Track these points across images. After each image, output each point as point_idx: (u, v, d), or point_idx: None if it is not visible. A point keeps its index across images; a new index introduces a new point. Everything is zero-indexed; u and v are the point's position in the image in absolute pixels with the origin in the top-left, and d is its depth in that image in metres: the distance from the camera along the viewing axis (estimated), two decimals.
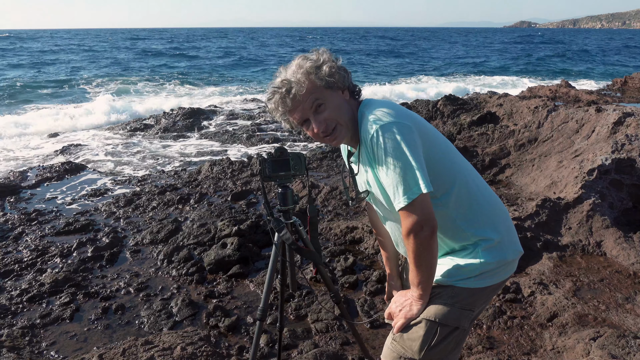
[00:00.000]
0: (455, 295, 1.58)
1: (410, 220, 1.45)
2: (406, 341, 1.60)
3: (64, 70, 25.55)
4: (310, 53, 1.62)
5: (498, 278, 1.62)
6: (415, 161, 1.43)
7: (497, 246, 1.59)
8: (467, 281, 1.58)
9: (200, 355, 2.68)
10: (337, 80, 1.58)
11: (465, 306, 1.58)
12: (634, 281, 3.50)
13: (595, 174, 4.55)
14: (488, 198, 1.64)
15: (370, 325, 3.13)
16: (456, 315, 1.57)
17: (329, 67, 1.57)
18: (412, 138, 1.46)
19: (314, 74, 1.56)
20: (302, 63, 1.58)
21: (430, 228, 1.45)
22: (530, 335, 2.96)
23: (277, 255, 2.15)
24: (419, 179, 1.42)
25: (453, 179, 1.57)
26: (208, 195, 5.82)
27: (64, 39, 70.46)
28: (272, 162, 2.06)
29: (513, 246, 1.64)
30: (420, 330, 1.58)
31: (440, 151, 1.57)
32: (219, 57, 35.67)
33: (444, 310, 1.57)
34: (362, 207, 5.25)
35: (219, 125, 11.13)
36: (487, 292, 1.63)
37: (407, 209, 1.44)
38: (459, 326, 1.58)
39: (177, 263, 4.04)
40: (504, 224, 1.64)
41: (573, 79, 21.24)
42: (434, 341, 1.56)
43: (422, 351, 1.57)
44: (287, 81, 1.56)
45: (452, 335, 1.58)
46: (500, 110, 8.88)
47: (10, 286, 3.75)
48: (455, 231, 1.60)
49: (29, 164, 7.76)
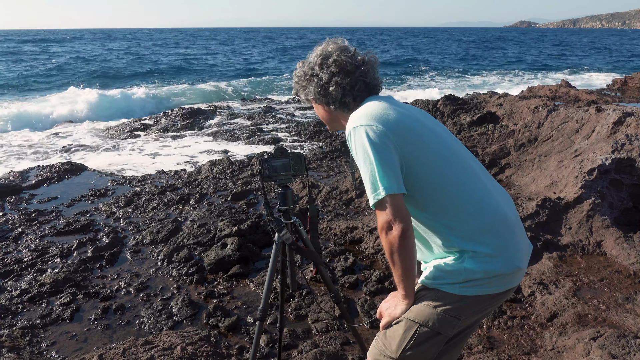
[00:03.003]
0: (438, 298, 1.55)
1: (381, 219, 1.48)
2: (387, 339, 1.62)
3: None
4: (316, 62, 1.73)
5: (489, 289, 1.54)
6: (381, 164, 1.47)
7: (485, 258, 1.51)
8: (451, 286, 1.53)
9: (200, 355, 2.68)
10: (319, 98, 1.75)
11: (450, 312, 1.54)
12: (634, 281, 3.50)
13: (595, 173, 4.55)
14: (482, 209, 1.54)
15: (370, 325, 3.13)
16: (438, 320, 1.53)
17: (315, 86, 1.73)
18: (382, 141, 1.49)
19: (302, 89, 1.79)
20: (299, 72, 1.79)
21: (399, 228, 1.45)
22: (531, 335, 2.96)
23: (277, 255, 2.15)
24: (384, 181, 1.46)
25: (435, 185, 1.54)
26: (208, 195, 5.82)
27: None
28: (272, 162, 2.06)
29: (509, 261, 1.54)
30: (400, 329, 1.58)
31: (423, 156, 1.54)
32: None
33: (425, 312, 1.55)
34: (362, 207, 5.25)
35: (219, 125, 11.13)
36: (478, 302, 1.56)
37: (377, 207, 1.49)
38: (440, 332, 1.54)
39: (177, 263, 4.04)
40: (499, 238, 1.54)
41: None
42: (412, 342, 1.55)
43: (399, 350, 1.57)
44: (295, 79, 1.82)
45: (432, 340, 1.55)
46: (500, 110, 8.88)
47: (10, 286, 3.75)
48: (441, 237, 1.56)
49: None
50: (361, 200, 5.36)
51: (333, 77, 1.69)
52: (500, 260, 1.52)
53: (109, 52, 40.73)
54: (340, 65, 1.68)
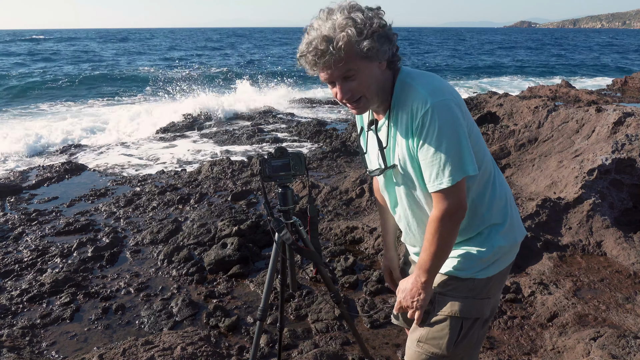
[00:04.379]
0: (474, 288, 1.57)
1: (448, 202, 1.41)
2: (432, 340, 1.59)
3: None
4: (357, 9, 1.38)
5: (508, 260, 1.64)
6: (466, 142, 1.39)
7: (509, 228, 1.60)
8: (485, 271, 1.57)
9: (200, 355, 2.68)
10: (379, 52, 1.39)
11: (484, 295, 1.59)
12: (634, 281, 3.50)
13: (596, 174, 4.54)
14: (501, 180, 1.64)
15: (370, 325, 3.13)
16: (477, 307, 1.58)
17: (376, 36, 1.37)
18: (462, 118, 1.41)
19: (355, 44, 1.35)
20: (344, 24, 1.35)
21: (463, 212, 1.44)
22: (531, 335, 2.96)
23: (277, 255, 2.15)
24: (468, 161, 1.38)
25: (481, 162, 1.52)
26: (208, 195, 5.82)
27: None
28: (272, 162, 2.06)
29: (520, 228, 1.67)
30: (445, 328, 1.58)
31: (475, 132, 1.51)
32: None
33: (466, 304, 1.57)
34: (362, 207, 5.25)
35: (219, 125, 11.14)
36: (501, 276, 1.63)
37: (447, 190, 1.39)
38: (480, 316, 1.59)
39: (177, 263, 4.04)
40: (512, 206, 1.64)
41: None
42: (460, 336, 1.57)
43: (450, 347, 1.58)
44: (323, 40, 1.34)
45: (475, 326, 1.59)
46: (501, 110, 8.88)
47: (10, 286, 3.75)
48: (473, 216, 1.56)
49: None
50: (361, 200, 5.36)
51: (387, 25, 1.41)
52: (516, 227, 1.64)
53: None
54: (378, 34, 1.40)
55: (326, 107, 14.13)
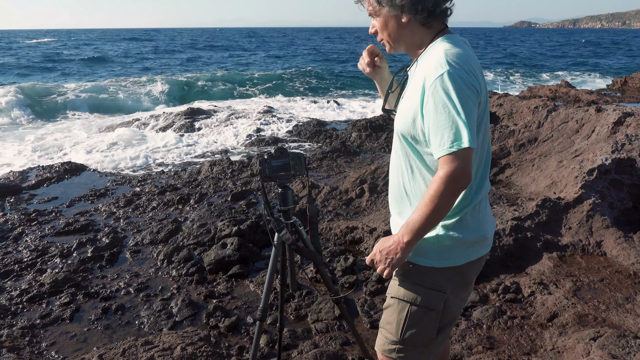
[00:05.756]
0: (421, 274, 1.56)
1: (453, 165, 1.38)
2: (387, 325, 1.61)
3: None
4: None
5: (463, 259, 1.56)
6: (469, 116, 1.38)
7: (458, 224, 1.54)
8: (430, 260, 1.55)
9: (200, 356, 2.68)
10: (402, 3, 1.48)
11: (434, 286, 1.55)
12: (634, 281, 3.50)
13: (595, 174, 4.55)
14: (484, 182, 1.61)
15: (370, 325, 3.13)
16: (423, 295, 1.55)
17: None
18: (474, 96, 1.41)
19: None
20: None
21: (466, 181, 1.40)
22: (531, 335, 2.96)
23: (277, 256, 2.15)
24: (468, 133, 1.37)
25: (475, 152, 1.51)
26: (208, 195, 5.82)
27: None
28: (272, 162, 2.06)
29: (477, 230, 1.59)
30: (394, 312, 1.59)
31: (483, 123, 1.52)
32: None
33: (412, 289, 1.56)
34: (362, 207, 5.24)
35: (219, 125, 11.13)
36: (459, 274, 1.57)
37: (452, 155, 1.38)
38: (431, 307, 1.55)
39: (177, 263, 4.04)
40: (478, 206, 1.59)
41: None
42: (407, 322, 1.56)
43: (398, 332, 1.57)
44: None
45: (427, 317, 1.56)
46: (500, 110, 8.88)
47: (10, 286, 3.75)
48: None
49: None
50: (361, 200, 5.36)
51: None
52: (470, 230, 1.55)
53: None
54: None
55: (326, 107, 14.14)
